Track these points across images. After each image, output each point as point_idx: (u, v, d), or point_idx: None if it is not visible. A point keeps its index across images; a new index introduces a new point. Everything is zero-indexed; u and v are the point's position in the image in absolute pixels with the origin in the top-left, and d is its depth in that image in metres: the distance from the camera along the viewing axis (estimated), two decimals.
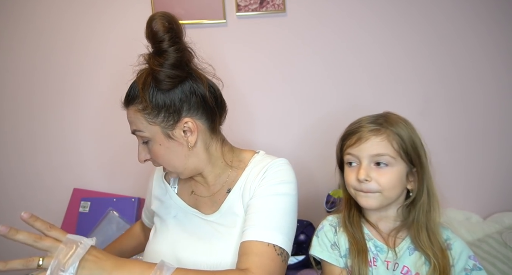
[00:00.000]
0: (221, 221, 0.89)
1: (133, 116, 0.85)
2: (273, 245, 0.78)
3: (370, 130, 0.84)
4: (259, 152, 0.97)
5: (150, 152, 0.87)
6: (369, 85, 1.56)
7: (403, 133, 0.83)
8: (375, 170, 0.83)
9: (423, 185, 0.84)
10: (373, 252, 0.85)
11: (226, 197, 0.90)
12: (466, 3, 1.52)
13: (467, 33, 1.53)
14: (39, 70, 1.56)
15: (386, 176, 0.82)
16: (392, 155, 0.82)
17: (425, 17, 1.53)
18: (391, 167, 0.82)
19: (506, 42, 1.53)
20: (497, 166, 1.60)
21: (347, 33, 1.54)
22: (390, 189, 0.82)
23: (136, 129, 0.85)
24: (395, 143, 0.82)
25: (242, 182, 0.90)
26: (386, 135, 0.83)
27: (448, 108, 1.58)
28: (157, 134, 0.84)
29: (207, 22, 1.50)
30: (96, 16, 1.53)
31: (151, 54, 0.84)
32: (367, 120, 0.86)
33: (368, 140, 0.83)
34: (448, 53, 1.54)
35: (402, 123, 0.85)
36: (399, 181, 0.83)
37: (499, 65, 1.55)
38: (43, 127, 1.58)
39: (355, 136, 0.85)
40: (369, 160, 0.83)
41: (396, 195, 0.84)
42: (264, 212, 0.82)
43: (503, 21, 1.52)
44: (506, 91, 1.56)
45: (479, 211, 1.60)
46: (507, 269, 1.20)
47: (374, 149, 0.82)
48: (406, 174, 0.84)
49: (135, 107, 0.84)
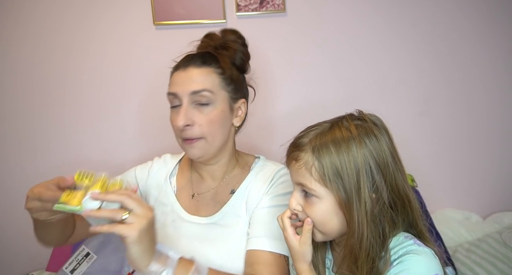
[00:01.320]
0: (222, 222, 0.89)
1: (205, 76, 0.86)
2: (284, 255, 0.84)
3: (296, 151, 0.71)
4: (259, 157, 1.00)
5: (203, 117, 0.85)
6: (370, 85, 1.56)
7: (327, 160, 0.66)
8: (304, 200, 0.71)
9: (350, 217, 0.66)
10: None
11: (229, 198, 0.92)
12: (467, 3, 1.52)
13: (468, 33, 1.53)
14: (39, 70, 1.55)
15: (313, 209, 0.69)
16: (311, 187, 0.68)
17: (426, 17, 1.53)
18: (318, 199, 0.68)
19: (508, 42, 1.54)
20: (497, 165, 1.61)
21: (347, 33, 1.54)
22: (320, 224, 0.69)
23: (205, 88, 0.85)
24: (314, 171, 0.67)
25: (246, 185, 0.92)
26: (304, 162, 0.68)
27: (449, 108, 1.58)
28: (224, 100, 0.89)
29: (207, 22, 1.50)
30: (96, 16, 1.53)
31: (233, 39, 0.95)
32: (304, 135, 0.73)
33: (290, 165, 0.73)
34: (450, 53, 1.55)
35: (336, 144, 0.67)
36: (331, 216, 0.68)
37: (500, 65, 1.55)
38: (43, 127, 1.58)
39: (286, 154, 0.75)
40: (298, 186, 0.72)
41: (332, 231, 0.70)
42: (272, 223, 0.84)
43: (505, 22, 1.53)
44: (507, 92, 1.56)
45: (479, 211, 1.60)
46: (507, 269, 1.20)
47: (295, 176, 0.71)
48: (339, 206, 0.67)
49: (211, 69, 0.88)
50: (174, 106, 0.88)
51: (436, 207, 1.56)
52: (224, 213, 0.90)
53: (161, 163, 1.04)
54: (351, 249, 0.67)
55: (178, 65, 0.90)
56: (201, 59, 0.88)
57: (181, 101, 0.86)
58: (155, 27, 1.52)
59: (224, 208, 0.90)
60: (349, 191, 0.66)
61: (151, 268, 0.65)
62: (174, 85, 0.88)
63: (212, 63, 0.88)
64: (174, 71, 0.90)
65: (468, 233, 1.47)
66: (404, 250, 0.65)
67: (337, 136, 0.68)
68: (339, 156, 0.66)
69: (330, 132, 0.69)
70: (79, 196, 0.67)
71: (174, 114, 0.88)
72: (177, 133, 0.88)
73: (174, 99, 0.87)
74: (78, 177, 0.70)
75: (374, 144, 0.68)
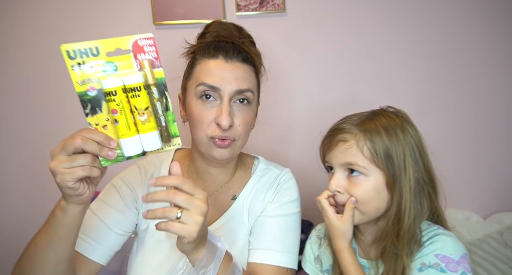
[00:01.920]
0: (223, 229, 0.85)
1: (249, 74, 0.81)
2: (290, 269, 0.82)
3: (341, 134, 0.75)
4: (259, 158, 0.96)
5: (242, 118, 0.79)
6: (370, 85, 1.56)
7: (378, 142, 0.72)
8: (348, 180, 0.74)
9: (394, 195, 0.73)
10: None
11: (231, 204, 0.88)
12: (472, 1, 1.51)
13: (472, 31, 1.53)
14: (39, 70, 1.55)
15: (358, 188, 0.73)
16: (361, 164, 0.72)
17: (426, 17, 1.52)
18: (365, 177, 0.72)
19: (508, 42, 1.53)
20: (498, 165, 1.60)
21: (347, 33, 1.54)
22: (364, 203, 0.73)
23: (250, 88, 0.79)
24: (366, 150, 0.72)
25: (249, 191, 0.89)
26: (356, 141, 0.73)
27: (451, 107, 1.57)
28: (256, 102, 0.85)
29: (207, 22, 1.49)
30: (96, 15, 1.53)
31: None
32: (345, 121, 0.78)
33: (337, 147, 0.75)
34: (447, 53, 1.54)
35: (386, 129, 0.74)
36: (376, 194, 0.73)
37: (504, 64, 1.54)
38: (43, 127, 1.58)
39: (328, 140, 0.78)
40: (341, 168, 0.75)
41: (374, 209, 0.74)
42: (279, 235, 0.83)
43: (509, 20, 1.52)
44: (505, 91, 1.56)
45: (479, 211, 1.60)
46: (507, 269, 1.20)
47: (342, 157, 0.74)
48: (386, 184, 0.73)
49: (251, 68, 0.82)
50: (206, 98, 0.78)
51: None
52: (225, 220, 0.86)
53: (151, 169, 0.92)
54: (392, 226, 0.72)
55: (213, 52, 0.79)
56: (242, 55, 0.80)
57: (220, 97, 0.77)
58: (155, 27, 1.52)
59: (225, 215, 0.86)
60: (397, 169, 0.72)
61: (202, 258, 0.65)
62: (215, 77, 0.76)
63: (250, 60, 0.82)
64: (207, 58, 0.79)
65: (468, 233, 1.46)
66: (432, 233, 0.72)
67: (384, 122, 0.75)
68: (390, 138, 0.72)
69: (376, 119, 0.76)
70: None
71: (205, 108, 0.77)
72: (207, 130, 0.77)
73: (210, 91, 0.77)
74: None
75: (412, 131, 0.76)
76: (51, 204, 0.67)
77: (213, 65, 0.78)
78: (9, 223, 1.61)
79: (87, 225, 0.79)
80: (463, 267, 0.67)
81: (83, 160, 0.56)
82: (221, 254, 0.67)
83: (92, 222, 0.81)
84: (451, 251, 0.68)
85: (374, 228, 0.79)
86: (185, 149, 0.97)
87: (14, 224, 1.61)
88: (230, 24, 0.89)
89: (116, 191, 0.86)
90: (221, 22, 0.90)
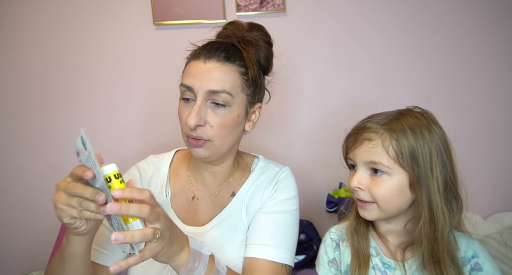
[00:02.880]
0: (221, 226, 0.86)
1: (227, 74, 0.79)
2: (286, 265, 0.82)
3: (367, 133, 0.75)
4: (258, 157, 0.97)
5: (216, 119, 0.78)
6: (370, 85, 1.56)
7: (404, 142, 0.72)
8: (370, 178, 0.75)
9: (422, 196, 0.73)
10: (380, 269, 0.78)
11: (229, 201, 0.89)
12: (471, 2, 1.51)
13: (472, 32, 1.53)
14: (38, 70, 1.55)
15: (380, 186, 0.74)
16: (385, 164, 0.72)
17: (425, 17, 1.52)
18: (388, 176, 0.73)
19: (511, 41, 1.53)
20: (498, 165, 1.60)
21: (347, 33, 1.54)
22: (386, 201, 0.74)
23: (225, 90, 0.77)
24: (391, 150, 0.72)
25: (247, 188, 0.89)
26: (381, 140, 0.73)
27: (451, 107, 1.57)
28: (241, 103, 0.82)
29: (207, 22, 1.50)
30: (96, 15, 1.53)
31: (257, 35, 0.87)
32: (371, 120, 0.78)
33: (362, 145, 0.75)
34: (448, 54, 1.54)
35: (412, 129, 0.74)
36: (398, 193, 0.73)
37: (503, 64, 1.54)
38: (43, 127, 1.58)
39: (353, 138, 0.78)
40: (365, 166, 0.76)
41: (396, 208, 0.75)
42: (276, 231, 0.83)
43: (508, 20, 1.52)
44: (510, 91, 1.56)
45: (479, 211, 1.60)
46: (507, 269, 1.20)
47: (367, 155, 0.74)
48: (409, 184, 0.73)
49: (234, 67, 0.80)
50: (185, 98, 0.80)
51: None
52: (223, 217, 0.86)
53: (150, 170, 0.92)
54: (429, 228, 0.72)
55: (198, 53, 0.80)
56: (225, 54, 0.79)
57: (195, 97, 0.78)
58: (155, 27, 1.52)
59: (224, 212, 0.87)
60: (423, 170, 0.72)
61: (186, 266, 0.65)
62: (191, 77, 0.78)
63: (237, 59, 0.80)
64: (192, 59, 0.81)
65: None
66: (473, 251, 0.75)
67: (410, 123, 0.74)
68: (416, 139, 0.72)
69: (402, 119, 0.76)
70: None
71: (184, 108, 0.80)
72: (184, 128, 0.80)
73: (187, 92, 0.79)
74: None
75: (439, 132, 0.77)
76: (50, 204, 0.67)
77: (192, 65, 0.80)
78: (9, 224, 1.61)
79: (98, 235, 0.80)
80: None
81: (78, 203, 0.59)
82: (205, 260, 0.68)
83: (103, 232, 0.82)
84: (493, 262, 0.73)
85: (401, 231, 0.79)
86: (185, 149, 0.98)
87: (14, 225, 1.61)
88: (246, 23, 0.88)
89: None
90: (234, 22, 0.89)
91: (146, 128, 1.58)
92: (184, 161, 0.95)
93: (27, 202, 1.59)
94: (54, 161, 1.58)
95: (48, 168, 1.59)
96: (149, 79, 1.55)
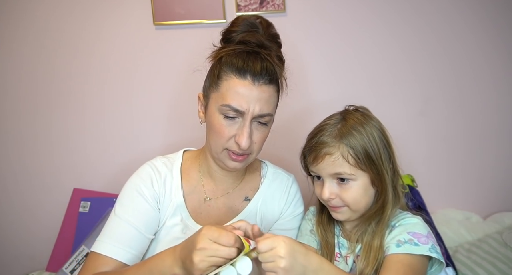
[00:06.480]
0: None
1: (272, 97, 0.83)
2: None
3: (326, 148, 0.80)
4: (265, 162, 1.01)
5: (259, 136, 0.83)
6: (369, 85, 1.56)
7: (356, 144, 0.79)
8: (338, 186, 0.82)
9: (381, 186, 0.82)
10: (337, 249, 0.89)
11: (243, 206, 0.92)
12: (464, 4, 1.52)
13: (466, 34, 1.53)
14: (42, 71, 1.55)
15: (349, 192, 0.81)
16: (349, 172, 0.79)
17: (425, 18, 1.53)
18: (354, 181, 0.81)
19: (505, 43, 1.54)
20: (497, 166, 1.60)
21: (347, 33, 1.54)
22: (356, 203, 0.82)
23: (270, 112, 0.82)
24: (350, 158, 0.79)
25: (262, 196, 0.94)
26: (340, 152, 0.79)
27: (447, 108, 1.58)
28: (273, 117, 0.86)
29: (207, 22, 1.50)
30: (95, 16, 1.53)
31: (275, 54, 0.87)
32: (324, 134, 0.82)
33: (324, 160, 0.80)
34: (447, 54, 1.55)
35: (356, 129, 0.81)
36: (364, 193, 0.82)
37: (497, 66, 1.55)
38: (44, 127, 1.58)
39: (312, 155, 0.83)
40: (330, 177, 0.82)
41: (364, 206, 0.83)
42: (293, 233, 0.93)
43: (502, 23, 1.53)
44: (505, 92, 1.56)
45: (479, 211, 1.60)
46: (507, 269, 1.20)
47: (331, 169, 0.80)
48: (371, 182, 0.82)
49: (275, 88, 0.83)
50: (229, 117, 0.80)
51: (436, 207, 1.56)
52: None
53: (163, 170, 0.92)
54: (375, 214, 0.82)
55: (242, 69, 0.79)
56: (268, 75, 0.80)
57: (244, 119, 0.80)
58: (155, 27, 1.52)
59: (239, 217, 0.89)
60: (378, 165, 0.80)
61: None
62: (240, 100, 0.78)
63: (274, 79, 0.82)
64: (235, 76, 0.79)
65: (468, 233, 1.46)
66: (402, 217, 0.83)
67: (352, 124, 0.81)
68: (362, 137, 0.80)
69: (346, 122, 0.82)
70: None
71: (227, 125, 0.80)
72: (226, 144, 0.81)
73: (232, 112, 0.79)
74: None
75: (377, 125, 0.84)
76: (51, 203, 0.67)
77: (241, 87, 0.78)
78: (10, 224, 1.61)
79: (121, 232, 0.82)
80: (432, 240, 0.78)
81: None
82: None
83: (125, 230, 0.83)
84: (419, 228, 0.80)
85: (356, 220, 0.87)
86: (193, 150, 1.00)
87: (15, 225, 1.61)
88: (258, 23, 0.87)
89: (139, 194, 0.87)
90: (247, 19, 0.87)
91: (148, 128, 1.58)
92: (194, 161, 0.96)
93: (28, 201, 1.59)
94: (56, 160, 1.58)
95: (51, 168, 1.59)
96: (149, 78, 1.54)
